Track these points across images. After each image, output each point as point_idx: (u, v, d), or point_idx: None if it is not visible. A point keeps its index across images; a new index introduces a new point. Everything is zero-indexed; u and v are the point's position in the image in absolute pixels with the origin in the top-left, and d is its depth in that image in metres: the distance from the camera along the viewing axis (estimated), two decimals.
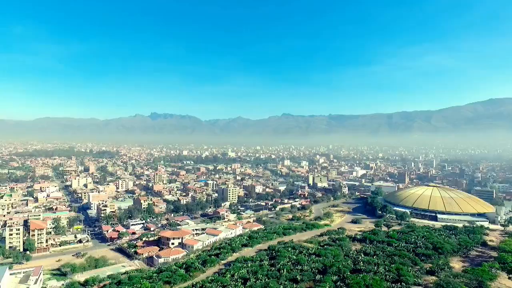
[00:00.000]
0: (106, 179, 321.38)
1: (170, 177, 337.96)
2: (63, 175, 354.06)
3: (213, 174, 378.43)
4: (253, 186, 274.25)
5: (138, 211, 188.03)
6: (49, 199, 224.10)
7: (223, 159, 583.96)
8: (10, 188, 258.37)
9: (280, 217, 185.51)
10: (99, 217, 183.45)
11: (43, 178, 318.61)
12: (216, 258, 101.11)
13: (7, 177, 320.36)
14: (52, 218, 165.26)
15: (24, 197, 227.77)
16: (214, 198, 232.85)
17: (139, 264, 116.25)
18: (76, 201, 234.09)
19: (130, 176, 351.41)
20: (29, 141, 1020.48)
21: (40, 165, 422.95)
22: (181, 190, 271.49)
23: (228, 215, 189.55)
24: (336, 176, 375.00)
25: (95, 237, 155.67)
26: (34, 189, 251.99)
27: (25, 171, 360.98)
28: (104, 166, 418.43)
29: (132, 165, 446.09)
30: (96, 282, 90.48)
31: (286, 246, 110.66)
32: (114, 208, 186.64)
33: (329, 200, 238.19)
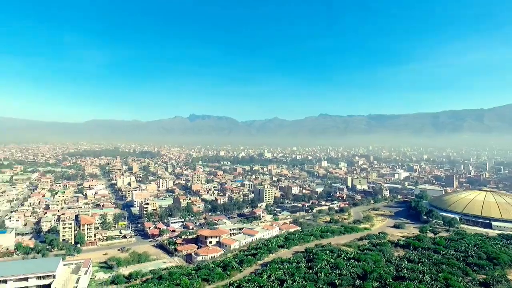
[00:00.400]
0: (148, 178, 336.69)
1: (208, 177, 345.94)
2: (109, 174, 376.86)
3: (249, 175, 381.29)
4: (290, 187, 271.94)
5: (177, 209, 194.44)
6: (97, 196, 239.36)
7: (259, 159, 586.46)
8: (63, 185, 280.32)
9: (317, 219, 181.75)
10: (141, 214, 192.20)
11: (92, 177, 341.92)
12: (252, 258, 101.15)
13: (61, 175, 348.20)
14: (100, 214, 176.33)
15: (75, 194, 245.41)
16: (250, 198, 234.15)
17: (178, 261, 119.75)
18: (121, 199, 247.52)
19: (170, 175, 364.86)
20: (79, 142, 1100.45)
21: (89, 164, 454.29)
22: (218, 190, 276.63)
23: (264, 216, 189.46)
24: (376, 178, 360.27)
25: (138, 233, 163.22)
26: (83, 186, 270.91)
27: (76, 170, 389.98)
28: (146, 166, 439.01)
29: (172, 165, 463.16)
30: (139, 276, 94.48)
31: (323, 249, 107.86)
32: (155, 206, 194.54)
33: (369, 203, 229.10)
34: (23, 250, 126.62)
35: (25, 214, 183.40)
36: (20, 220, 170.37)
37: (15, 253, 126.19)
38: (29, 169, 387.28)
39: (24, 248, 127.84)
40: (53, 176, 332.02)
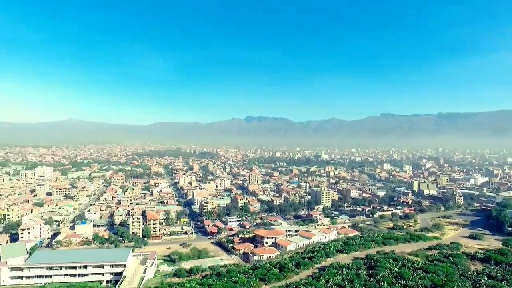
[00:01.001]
0: (207, 178, 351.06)
1: (264, 178, 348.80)
2: (172, 173, 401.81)
3: (305, 176, 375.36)
4: (348, 190, 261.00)
5: (235, 209, 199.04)
6: (161, 194, 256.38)
7: (316, 161, 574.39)
8: (132, 183, 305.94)
9: (379, 224, 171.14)
10: (201, 212, 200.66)
11: (157, 175, 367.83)
12: (309, 261, 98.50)
13: (130, 174, 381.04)
14: (164, 211, 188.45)
15: (142, 191, 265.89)
16: (307, 200, 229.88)
17: (235, 259, 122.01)
18: (183, 197, 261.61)
19: (228, 175, 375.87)
20: (146, 143, 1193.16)
21: (154, 164, 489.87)
22: (274, 191, 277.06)
23: (322, 219, 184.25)
24: (447, 183, 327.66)
25: (198, 230, 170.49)
26: (150, 184, 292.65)
27: (143, 169, 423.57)
28: (205, 166, 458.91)
29: (230, 165, 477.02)
30: (199, 271, 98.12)
31: (386, 256, 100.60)
32: (214, 205, 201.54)
33: (439, 210, 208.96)
34: (99, 240, 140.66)
35: (101, 208, 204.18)
36: (96, 213, 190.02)
37: (93, 242, 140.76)
38: (104, 168, 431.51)
39: (100, 239, 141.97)
40: (123, 174, 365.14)
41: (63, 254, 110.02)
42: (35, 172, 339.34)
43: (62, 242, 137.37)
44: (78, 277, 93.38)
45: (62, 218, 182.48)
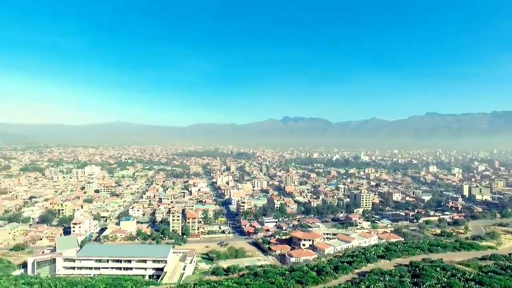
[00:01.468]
0: (244, 178, 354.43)
1: (300, 179, 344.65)
2: (210, 173, 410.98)
3: (344, 178, 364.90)
4: (390, 193, 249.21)
5: (271, 209, 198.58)
6: (200, 193, 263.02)
7: (355, 162, 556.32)
8: (172, 182, 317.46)
9: (424, 230, 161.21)
10: (238, 212, 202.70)
11: (195, 175, 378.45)
12: (349, 266, 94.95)
13: (170, 173, 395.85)
14: (202, 210, 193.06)
15: (182, 190, 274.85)
16: (345, 203, 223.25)
17: (272, 260, 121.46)
18: (220, 196, 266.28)
19: (264, 176, 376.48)
20: (185, 144, 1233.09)
21: (193, 164, 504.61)
22: (311, 193, 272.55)
23: (361, 222, 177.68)
24: (504, 187, 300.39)
25: (235, 230, 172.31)
26: (189, 183, 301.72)
27: (182, 169, 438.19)
28: (242, 166, 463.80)
29: (266, 166, 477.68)
30: (237, 270, 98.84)
31: (433, 265, 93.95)
32: (250, 205, 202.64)
33: (494, 217, 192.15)
34: (142, 236, 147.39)
35: (144, 205, 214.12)
36: (140, 210, 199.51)
37: (136, 238, 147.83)
38: (146, 167, 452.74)
39: (143, 235, 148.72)
40: (164, 173, 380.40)
41: (110, 248, 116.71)
42: (85, 170, 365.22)
43: (109, 236, 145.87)
44: (123, 271, 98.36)
45: (109, 214, 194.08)
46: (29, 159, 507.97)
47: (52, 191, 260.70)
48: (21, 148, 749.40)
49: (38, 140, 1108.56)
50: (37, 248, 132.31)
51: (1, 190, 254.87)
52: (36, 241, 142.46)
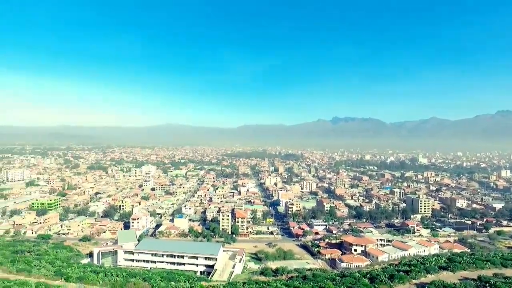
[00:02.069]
0: (292, 180, 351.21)
1: (351, 182, 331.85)
2: (258, 174, 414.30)
3: (399, 182, 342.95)
4: (454, 199, 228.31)
5: (320, 212, 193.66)
6: (248, 193, 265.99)
7: (412, 165, 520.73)
8: (222, 182, 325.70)
9: (495, 242, 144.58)
10: (286, 213, 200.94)
11: (244, 176, 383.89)
12: (405, 276, 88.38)
13: (220, 173, 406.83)
14: (251, 210, 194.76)
15: (231, 190, 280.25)
16: (401, 208, 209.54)
17: (321, 263, 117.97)
18: (268, 197, 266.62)
19: (313, 178, 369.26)
20: (234, 145, 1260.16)
21: (242, 164, 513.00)
22: (363, 196, 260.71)
23: (420, 230, 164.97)
24: None
25: (283, 231, 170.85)
26: (238, 184, 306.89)
27: (232, 169, 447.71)
28: (290, 168, 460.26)
29: (315, 167, 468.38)
30: (285, 272, 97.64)
31: (508, 281, 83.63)
32: (299, 207, 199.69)
33: None
34: (194, 234, 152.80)
35: (195, 204, 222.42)
36: (191, 209, 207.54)
37: (188, 235, 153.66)
38: (198, 167, 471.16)
39: (194, 232, 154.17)
40: (214, 173, 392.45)
41: (164, 243, 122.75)
42: (142, 169, 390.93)
43: (163, 232, 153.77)
44: (176, 265, 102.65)
45: (163, 212, 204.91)
46: (95, 159, 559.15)
47: (114, 188, 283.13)
48: (88, 148, 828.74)
49: (102, 141, 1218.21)
50: (101, 240, 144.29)
51: (72, 186, 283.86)
52: (101, 234, 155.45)
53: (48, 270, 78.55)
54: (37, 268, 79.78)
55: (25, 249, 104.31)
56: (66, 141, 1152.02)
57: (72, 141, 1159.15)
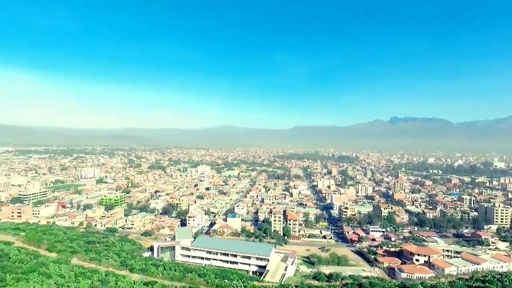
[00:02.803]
0: (346, 183, 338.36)
1: (412, 187, 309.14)
2: (310, 176, 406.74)
3: (469, 188, 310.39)
4: None
5: (377, 217, 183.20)
6: (300, 196, 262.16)
7: (485, 170, 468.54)
8: (273, 183, 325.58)
9: None
10: (340, 217, 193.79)
11: (296, 177, 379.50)
12: None
13: (272, 174, 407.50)
14: (303, 212, 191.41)
15: (282, 192, 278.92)
16: (472, 217, 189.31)
17: (379, 272, 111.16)
18: (321, 200, 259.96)
19: (369, 181, 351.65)
20: (285, 146, 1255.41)
21: (294, 166, 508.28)
22: (426, 202, 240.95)
23: (496, 242, 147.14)
24: None
25: (336, 236, 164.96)
26: (289, 185, 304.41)
27: (283, 170, 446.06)
28: (344, 170, 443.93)
29: (371, 170, 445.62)
30: (339, 278, 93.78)
31: None
32: (354, 211, 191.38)
33: None
34: (246, 234, 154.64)
35: (247, 204, 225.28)
36: (244, 209, 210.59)
37: (241, 235, 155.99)
38: (250, 168, 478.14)
39: (247, 232, 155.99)
40: (266, 174, 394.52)
41: (218, 242, 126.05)
42: (198, 169, 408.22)
43: (217, 231, 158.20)
44: (229, 264, 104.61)
45: (217, 211, 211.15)
46: (155, 159, 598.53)
47: (172, 186, 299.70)
48: (149, 149, 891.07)
49: (161, 142, 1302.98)
50: (160, 235, 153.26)
51: (135, 184, 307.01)
52: (160, 229, 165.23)
53: (115, 260, 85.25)
54: (106, 258, 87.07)
55: (96, 240, 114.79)
56: (130, 142, 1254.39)
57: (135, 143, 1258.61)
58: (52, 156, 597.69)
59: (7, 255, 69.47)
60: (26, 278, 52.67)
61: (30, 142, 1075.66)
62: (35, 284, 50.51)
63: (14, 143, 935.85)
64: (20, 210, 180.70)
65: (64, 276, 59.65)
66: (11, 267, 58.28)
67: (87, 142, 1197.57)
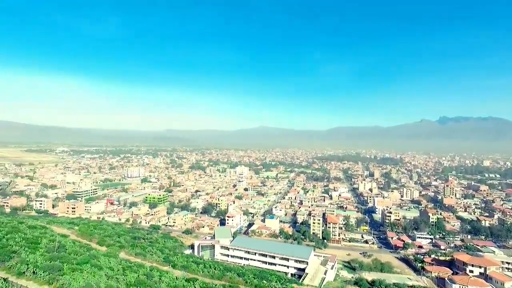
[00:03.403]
0: (389, 186, 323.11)
1: (465, 192, 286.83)
2: (351, 178, 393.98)
3: None
4: None
5: (425, 224, 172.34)
6: (340, 198, 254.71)
7: None
8: (312, 185, 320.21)
9: None
10: (383, 222, 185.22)
11: (336, 179, 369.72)
12: None
13: (310, 176, 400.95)
14: (343, 216, 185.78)
15: (322, 194, 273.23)
16: None
17: (427, 282, 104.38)
18: (362, 204, 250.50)
19: (415, 185, 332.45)
20: (324, 148, 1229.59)
21: (333, 168, 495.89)
22: (481, 209, 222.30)
23: None
24: None
25: (379, 241, 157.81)
26: (329, 188, 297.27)
27: (322, 172, 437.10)
28: (387, 173, 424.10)
29: (417, 173, 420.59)
30: (383, 285, 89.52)
31: None
32: (398, 216, 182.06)
33: None
34: (284, 235, 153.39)
35: (286, 206, 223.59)
36: (282, 210, 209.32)
37: (279, 236, 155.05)
38: (288, 169, 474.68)
39: (285, 234, 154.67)
40: (305, 176, 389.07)
41: (257, 242, 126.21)
42: (236, 170, 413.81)
43: (256, 231, 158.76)
44: (268, 265, 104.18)
45: (255, 211, 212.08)
46: (195, 159, 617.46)
47: (211, 186, 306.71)
48: (190, 150, 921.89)
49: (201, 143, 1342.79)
50: (200, 233, 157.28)
51: (176, 183, 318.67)
52: (200, 228, 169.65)
53: (159, 256, 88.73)
54: (150, 253, 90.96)
55: (141, 236, 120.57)
56: (172, 144, 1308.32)
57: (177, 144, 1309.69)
58: (102, 156, 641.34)
59: (64, 247, 75.21)
60: (80, 269, 56.53)
61: (83, 143, 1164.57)
62: (88, 275, 54.01)
63: (69, 144, 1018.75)
64: (74, 206, 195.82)
65: (113, 269, 63.16)
66: (67, 257, 62.95)
67: (133, 143, 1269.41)
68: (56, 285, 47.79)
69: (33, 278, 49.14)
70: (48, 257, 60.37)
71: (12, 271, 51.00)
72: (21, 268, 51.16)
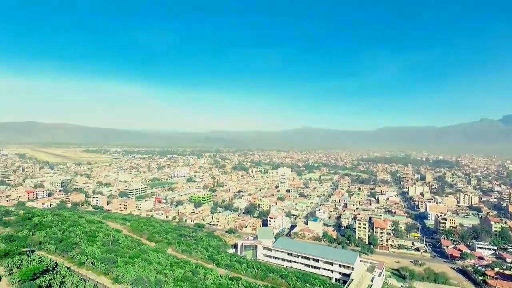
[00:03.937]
0: (444, 191, 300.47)
1: None
2: (400, 181, 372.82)
3: None
4: None
5: (486, 233, 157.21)
6: (388, 202, 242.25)
7: None
8: (358, 188, 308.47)
9: None
10: (437, 229, 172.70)
11: (383, 183, 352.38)
12: None
13: (356, 178, 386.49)
14: (391, 221, 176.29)
15: (367, 197, 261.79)
16: None
17: None
18: (413, 209, 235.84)
19: (474, 190, 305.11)
20: (370, 149, 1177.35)
21: (380, 170, 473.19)
22: None
23: None
24: None
25: (432, 249, 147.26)
26: (375, 191, 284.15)
27: (368, 175, 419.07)
28: (441, 176, 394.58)
29: (477, 177, 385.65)
30: None
31: None
32: (454, 224, 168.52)
33: None
34: (328, 239, 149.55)
35: (329, 208, 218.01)
36: (325, 213, 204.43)
37: (322, 240, 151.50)
38: (332, 171, 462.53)
39: (329, 237, 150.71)
40: (349, 178, 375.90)
41: (299, 244, 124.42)
42: (278, 171, 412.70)
43: (298, 234, 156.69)
44: (311, 268, 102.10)
45: (298, 213, 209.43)
46: (238, 160, 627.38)
47: (254, 187, 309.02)
48: (232, 150, 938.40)
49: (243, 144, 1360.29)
50: (243, 233, 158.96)
51: (220, 183, 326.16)
52: (242, 228, 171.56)
53: (203, 254, 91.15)
54: (195, 251, 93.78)
55: (186, 234, 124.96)
56: (216, 144, 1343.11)
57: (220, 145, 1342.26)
58: (151, 156, 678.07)
59: (118, 241, 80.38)
60: (132, 262, 59.96)
61: (134, 143, 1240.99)
62: (139, 268, 57.07)
63: (122, 145, 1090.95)
64: (126, 203, 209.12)
65: (161, 264, 66.08)
66: (121, 251, 67.17)
67: (180, 144, 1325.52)
68: (112, 276, 51.05)
69: (92, 269, 53.00)
70: (104, 250, 64.88)
71: (74, 261, 55.50)
72: (81, 259, 55.49)
